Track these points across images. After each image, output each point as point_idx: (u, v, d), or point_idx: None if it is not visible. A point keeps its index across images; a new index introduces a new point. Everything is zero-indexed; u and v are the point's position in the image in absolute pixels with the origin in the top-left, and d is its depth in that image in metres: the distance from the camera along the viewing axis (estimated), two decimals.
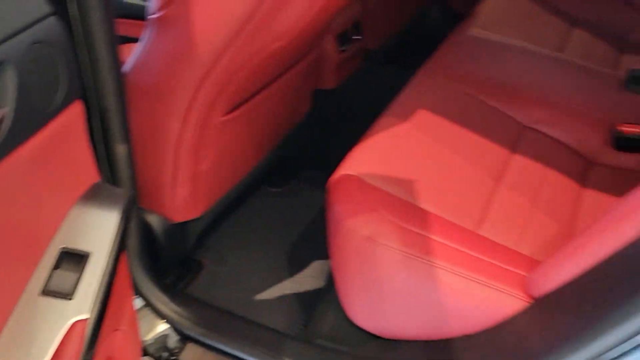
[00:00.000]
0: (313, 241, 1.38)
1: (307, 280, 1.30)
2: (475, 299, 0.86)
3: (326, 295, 1.24)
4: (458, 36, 1.49)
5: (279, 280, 1.31)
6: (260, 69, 1.03)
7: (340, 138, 1.33)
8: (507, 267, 0.88)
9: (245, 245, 1.39)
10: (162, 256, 1.17)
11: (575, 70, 1.39)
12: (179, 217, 1.11)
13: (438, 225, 0.94)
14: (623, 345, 0.65)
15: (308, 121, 1.50)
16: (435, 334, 0.90)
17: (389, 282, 0.91)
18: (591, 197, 1.11)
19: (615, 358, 0.67)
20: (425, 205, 0.99)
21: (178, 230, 1.18)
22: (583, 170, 1.18)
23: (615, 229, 0.70)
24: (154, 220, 1.10)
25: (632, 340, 0.65)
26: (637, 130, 1.16)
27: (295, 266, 1.33)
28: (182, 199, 1.08)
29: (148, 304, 1.08)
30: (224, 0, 0.85)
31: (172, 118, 0.98)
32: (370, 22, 1.65)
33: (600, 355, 0.67)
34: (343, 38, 1.51)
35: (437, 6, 2.20)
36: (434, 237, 0.91)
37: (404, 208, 0.97)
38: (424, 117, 1.18)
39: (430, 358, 0.88)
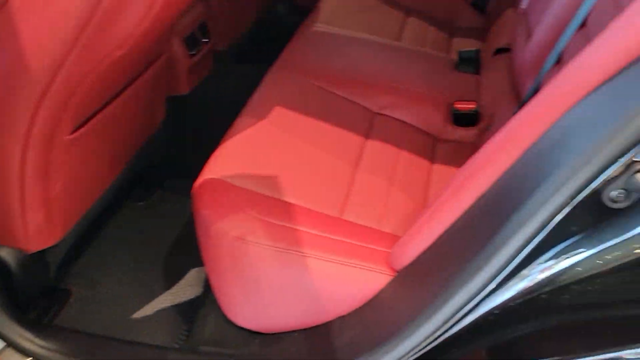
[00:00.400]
0: (186, 249, 1.35)
1: (184, 289, 1.27)
2: (344, 281, 0.90)
3: (206, 301, 1.23)
4: (304, 32, 1.54)
5: (155, 294, 1.27)
6: (105, 80, 0.98)
7: (200, 143, 1.31)
8: (371, 246, 0.94)
9: (115, 264, 1.33)
10: (21, 291, 1.09)
11: (413, 57, 1.50)
12: (35, 246, 1.04)
13: (303, 216, 0.97)
14: (476, 297, 0.72)
15: (165, 129, 1.47)
16: (314, 321, 0.94)
17: (263, 278, 0.93)
18: (439, 172, 1.21)
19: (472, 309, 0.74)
20: (289, 198, 1.02)
21: (36, 260, 1.10)
22: (431, 148, 1.28)
23: (455, 198, 0.78)
24: (5, 254, 1.02)
25: (483, 291, 0.72)
26: (470, 106, 1.28)
27: (171, 277, 1.30)
28: (35, 226, 1.01)
29: (10, 344, 1.00)
30: (56, 7, 0.80)
31: (12, 140, 0.91)
32: (217, 22, 1.65)
33: (459, 309, 0.73)
34: (191, 41, 1.49)
35: (282, 2, 2.25)
36: (300, 227, 0.94)
37: (270, 204, 1.00)
38: (279, 114, 1.21)
39: (310, 345, 0.92)
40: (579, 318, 0.67)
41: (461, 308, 0.71)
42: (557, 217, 0.61)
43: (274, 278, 0.93)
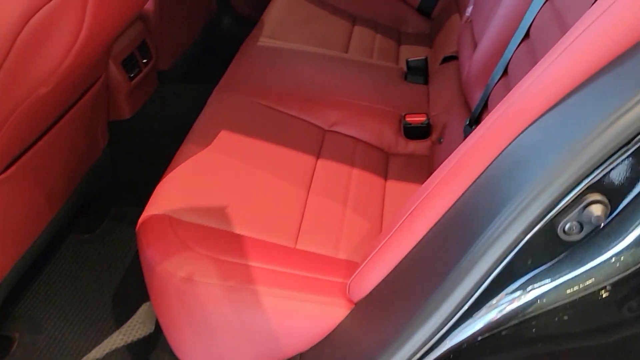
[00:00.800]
0: (136, 283, 1.29)
1: (136, 327, 1.21)
2: (300, 316, 0.86)
3: (159, 339, 1.18)
4: (248, 48, 1.50)
5: (105, 334, 1.21)
6: (32, 116, 0.92)
7: (147, 167, 1.25)
8: (327, 278, 0.90)
9: (61, 304, 1.26)
10: None
11: (361, 69, 1.48)
12: None
13: (255, 249, 0.93)
14: (442, 329, 0.70)
15: (108, 156, 1.40)
16: (272, 358, 0.90)
17: (214, 318, 0.88)
18: (393, 188, 1.19)
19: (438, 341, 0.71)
20: (240, 230, 0.97)
21: None
22: (384, 163, 1.26)
23: (409, 227, 0.75)
24: None
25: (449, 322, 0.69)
26: (421, 119, 1.26)
27: (122, 315, 1.24)
28: None
29: None
30: None
31: None
32: (158, 40, 1.59)
33: (424, 344, 0.71)
34: (130, 63, 1.43)
35: (227, 14, 2.19)
36: (251, 262, 0.90)
37: (219, 238, 0.95)
38: (225, 138, 1.17)
39: None
40: (546, 350, 0.65)
41: (424, 344, 0.69)
42: (512, 251, 0.59)
43: (225, 317, 0.88)
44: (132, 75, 1.42)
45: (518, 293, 0.63)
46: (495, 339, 0.65)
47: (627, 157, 0.54)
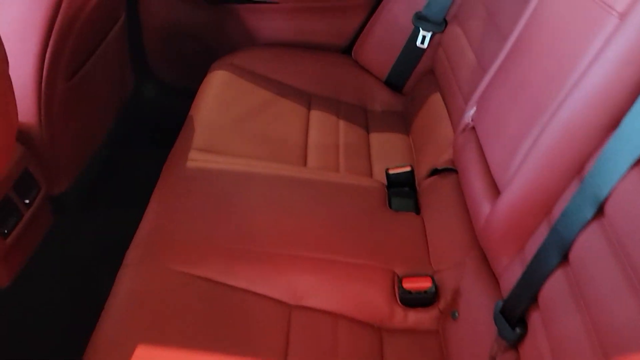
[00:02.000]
0: None
1: None
2: None
3: None
4: (172, 173, 1.09)
5: None
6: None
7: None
8: None
9: None
10: None
11: (330, 197, 1.09)
12: None
13: None
14: None
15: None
16: None
17: None
18: None
19: None
20: None
21: None
22: (377, 346, 0.89)
23: None
24: None
25: None
26: (424, 285, 0.90)
27: None
28: None
29: None
30: None
31: None
32: (50, 160, 1.16)
33: None
34: (3, 213, 1.00)
35: (147, 83, 1.78)
36: None
37: None
38: (149, 321, 0.77)
39: None
40: None
41: None
42: None
43: None
44: (6, 231, 0.99)
45: None
46: None
47: None
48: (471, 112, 1.02)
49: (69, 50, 1.10)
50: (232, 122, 1.28)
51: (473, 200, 0.91)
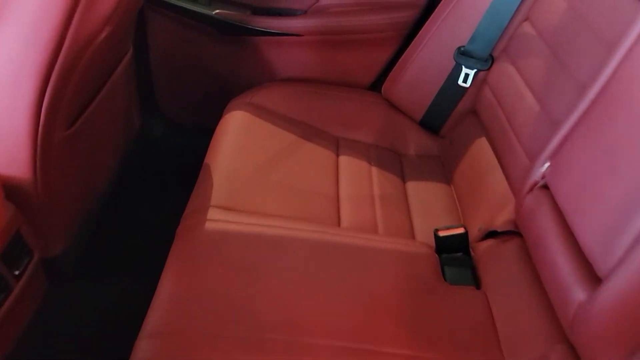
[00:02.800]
0: None
1: None
2: None
3: None
4: (187, 239, 0.93)
5: None
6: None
7: None
8: None
9: None
10: None
11: (372, 268, 0.92)
12: None
13: None
14: None
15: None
16: None
17: None
18: None
19: None
20: None
21: None
22: None
23: None
24: None
25: None
26: None
27: None
28: None
29: None
30: None
31: None
32: (41, 219, 1.00)
33: None
34: None
35: (155, 122, 1.64)
36: None
37: None
38: None
39: None
40: None
41: None
42: None
43: None
44: None
45: None
46: None
47: None
48: (542, 169, 0.86)
49: (69, 94, 0.94)
50: (254, 173, 1.13)
51: (558, 283, 0.75)
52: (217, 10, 1.43)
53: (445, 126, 1.33)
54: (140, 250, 1.09)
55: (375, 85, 1.51)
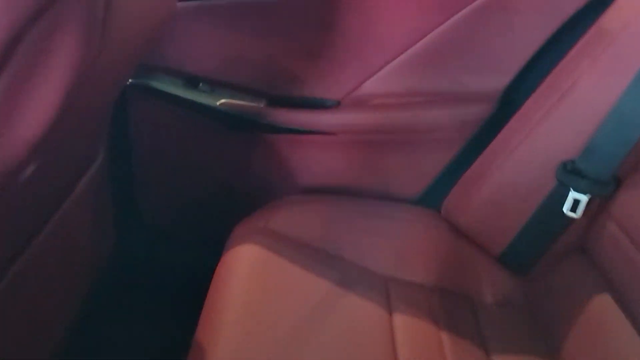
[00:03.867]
0: None
1: None
2: None
3: None
4: None
5: None
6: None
7: None
8: None
9: None
10: None
11: None
12: None
13: None
14: None
15: None
16: None
17: None
18: None
19: None
20: None
21: None
22: None
23: None
24: None
25: None
26: None
27: None
28: None
29: None
30: None
31: None
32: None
33: None
34: None
35: (137, 232, 1.27)
36: None
37: None
38: None
39: None
40: None
41: None
42: None
43: None
44: None
45: None
46: None
47: None
48: None
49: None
50: (274, 345, 0.74)
51: None
52: (222, 100, 1.08)
53: (538, 266, 0.96)
54: None
55: (424, 200, 1.15)
